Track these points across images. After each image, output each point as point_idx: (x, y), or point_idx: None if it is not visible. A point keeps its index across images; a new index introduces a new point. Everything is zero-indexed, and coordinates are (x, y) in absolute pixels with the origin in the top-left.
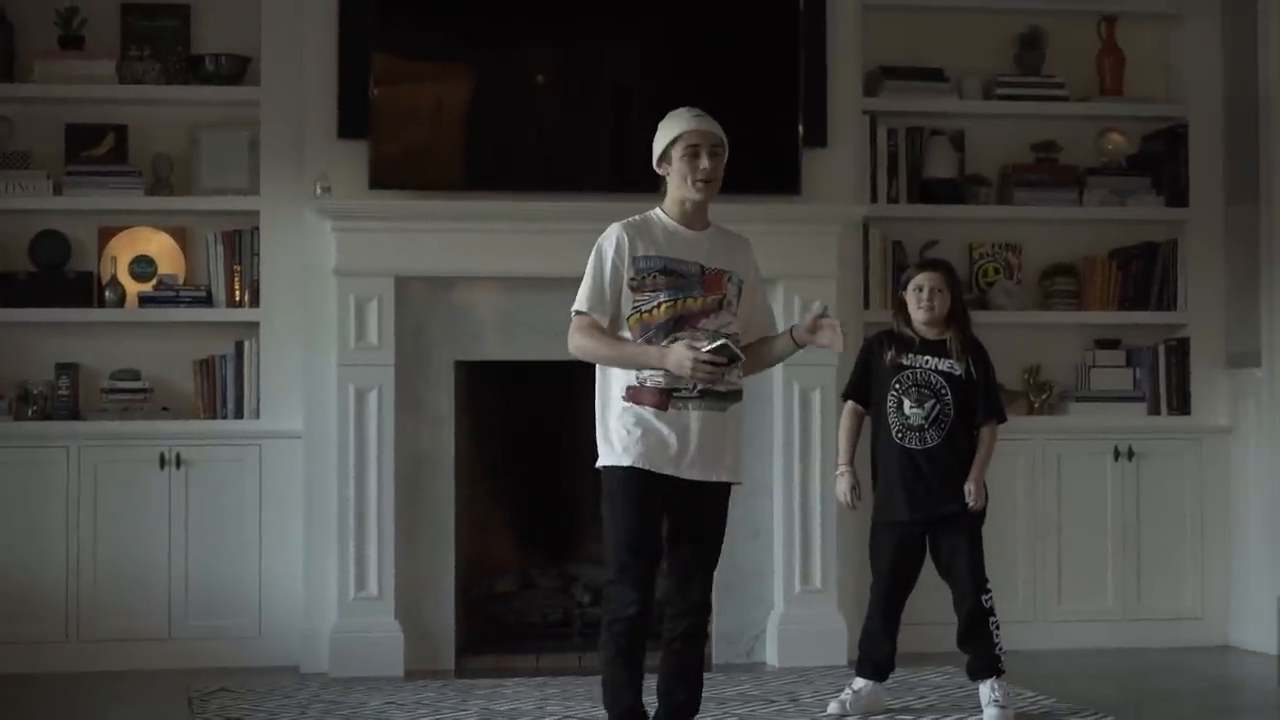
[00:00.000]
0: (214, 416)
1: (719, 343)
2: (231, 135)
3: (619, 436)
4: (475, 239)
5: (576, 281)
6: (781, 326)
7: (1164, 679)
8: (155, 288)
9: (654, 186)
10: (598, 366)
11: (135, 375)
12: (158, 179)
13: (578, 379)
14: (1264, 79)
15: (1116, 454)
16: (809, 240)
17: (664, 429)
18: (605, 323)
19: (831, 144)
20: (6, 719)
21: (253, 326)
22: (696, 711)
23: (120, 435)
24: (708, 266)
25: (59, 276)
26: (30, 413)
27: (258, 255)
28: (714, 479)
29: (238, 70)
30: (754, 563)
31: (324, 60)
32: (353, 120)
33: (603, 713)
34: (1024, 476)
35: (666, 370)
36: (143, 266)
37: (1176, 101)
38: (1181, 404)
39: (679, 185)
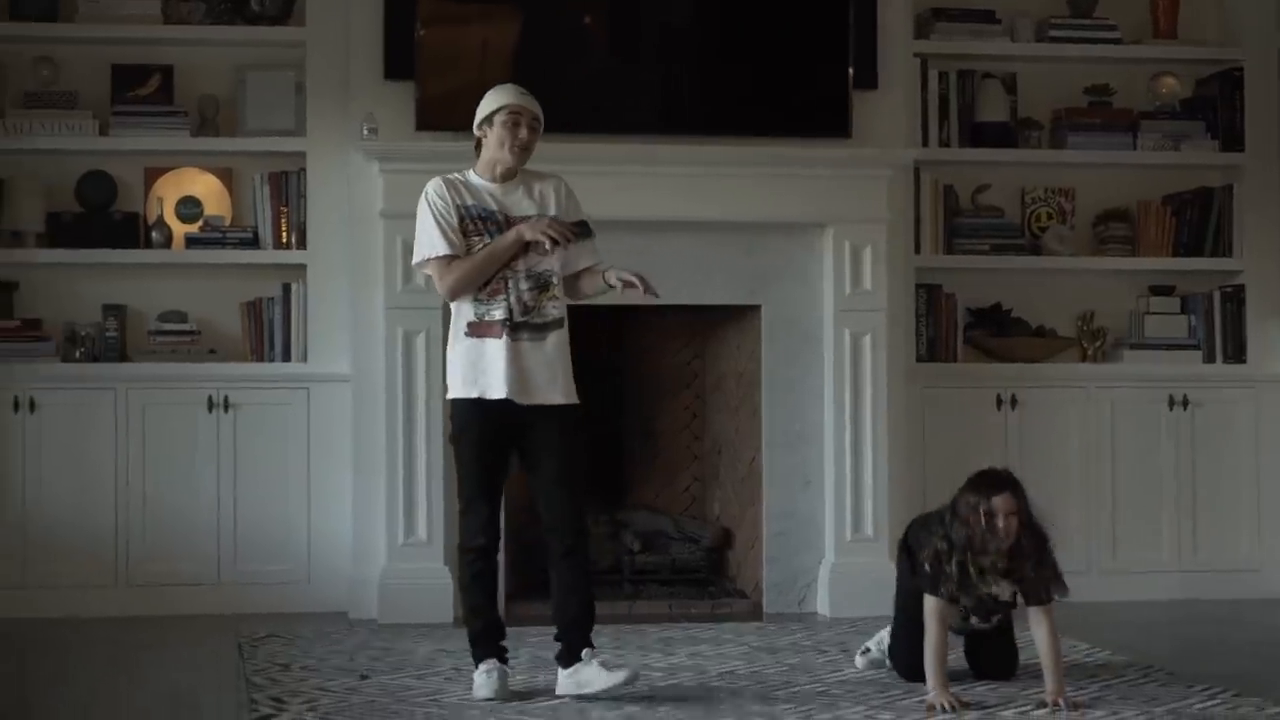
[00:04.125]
0: (261, 359)
1: (580, 219)
2: (277, 76)
3: (461, 370)
4: None
5: (628, 224)
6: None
7: (1220, 631)
8: (201, 229)
9: (704, 129)
10: (453, 307)
11: (183, 317)
12: (203, 119)
13: (628, 324)
14: None
15: (1171, 403)
16: (859, 184)
17: (500, 359)
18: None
19: (882, 87)
20: (54, 662)
21: (300, 269)
22: (591, 623)
23: (168, 378)
24: (512, 215)
25: (105, 217)
26: (78, 354)
27: (304, 197)
28: (549, 402)
29: (283, 10)
30: (805, 511)
31: (370, 0)
32: (399, 61)
33: (643, 659)
34: (1077, 425)
35: (507, 305)
36: (189, 208)
37: (1231, 44)
38: (1237, 352)
39: (495, 148)
